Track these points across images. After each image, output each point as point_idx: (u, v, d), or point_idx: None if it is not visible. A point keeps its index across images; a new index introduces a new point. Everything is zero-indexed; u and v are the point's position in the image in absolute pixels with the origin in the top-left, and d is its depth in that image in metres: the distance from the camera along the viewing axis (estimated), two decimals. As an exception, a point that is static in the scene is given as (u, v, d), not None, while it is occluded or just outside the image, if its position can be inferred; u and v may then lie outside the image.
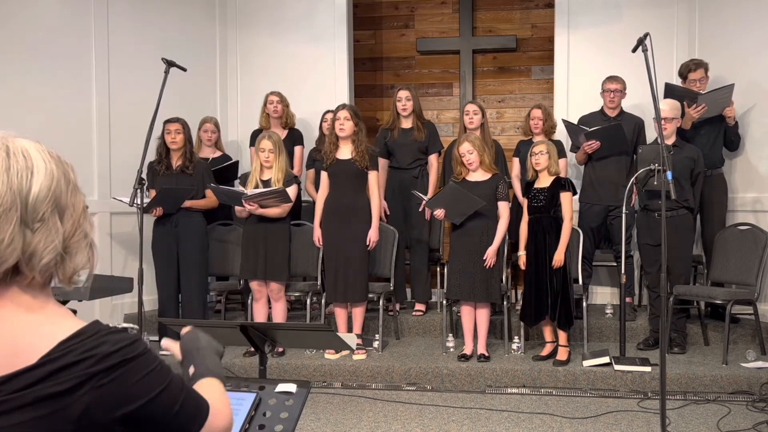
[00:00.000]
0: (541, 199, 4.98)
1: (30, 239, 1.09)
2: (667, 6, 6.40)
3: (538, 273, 4.95)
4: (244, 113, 6.96)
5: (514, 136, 6.83)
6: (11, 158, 1.10)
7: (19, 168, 1.09)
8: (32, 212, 1.09)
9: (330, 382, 4.97)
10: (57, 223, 1.12)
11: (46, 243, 1.10)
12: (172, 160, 5.44)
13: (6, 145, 1.11)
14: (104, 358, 1.06)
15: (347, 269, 5.17)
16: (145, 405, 1.10)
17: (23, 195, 1.09)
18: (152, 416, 1.12)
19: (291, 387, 1.82)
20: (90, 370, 1.05)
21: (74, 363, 1.05)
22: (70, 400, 1.04)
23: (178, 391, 1.15)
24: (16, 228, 1.08)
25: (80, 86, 5.80)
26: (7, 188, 1.08)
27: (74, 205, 1.16)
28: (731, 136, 5.59)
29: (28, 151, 1.12)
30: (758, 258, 5.12)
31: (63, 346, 1.06)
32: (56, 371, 1.04)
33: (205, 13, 6.90)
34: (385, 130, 6.04)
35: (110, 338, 1.08)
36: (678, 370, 4.72)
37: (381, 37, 7.31)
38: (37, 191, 1.10)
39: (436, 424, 4.20)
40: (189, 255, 5.39)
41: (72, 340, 1.07)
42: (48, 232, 1.11)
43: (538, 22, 7.06)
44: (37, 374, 1.04)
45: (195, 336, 1.46)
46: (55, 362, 1.04)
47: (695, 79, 5.56)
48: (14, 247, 1.08)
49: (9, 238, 1.07)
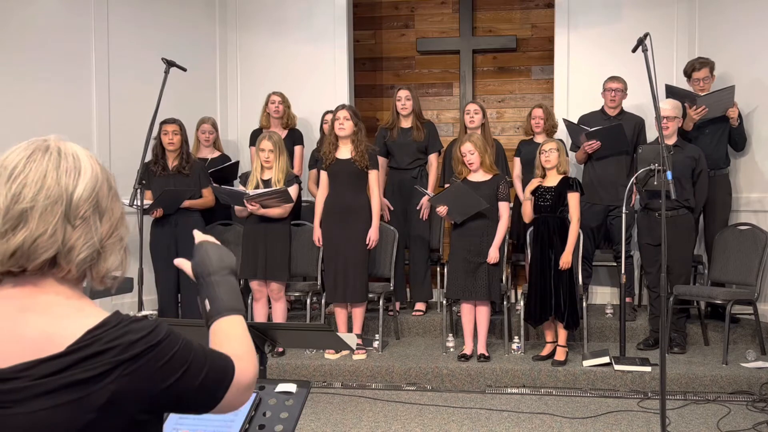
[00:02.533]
0: (548, 198, 4.97)
1: (70, 234, 1.15)
2: (667, 6, 6.39)
3: (543, 273, 4.94)
4: (244, 113, 6.95)
5: (514, 136, 6.83)
6: (62, 158, 1.17)
7: (68, 167, 1.17)
8: (75, 209, 1.16)
9: (330, 382, 4.97)
10: (96, 223, 1.19)
11: (85, 239, 1.17)
12: (169, 161, 5.44)
13: (58, 146, 1.19)
14: (130, 346, 1.11)
15: (347, 269, 5.16)
16: (172, 386, 1.15)
17: (69, 192, 1.15)
18: (179, 394, 1.16)
19: (291, 387, 1.82)
20: (117, 358, 1.10)
21: (101, 352, 1.09)
22: (96, 387, 1.08)
23: (200, 363, 1.19)
24: (59, 221, 1.14)
25: (80, 86, 5.79)
26: (56, 183, 1.15)
27: (113, 210, 1.22)
28: (735, 137, 5.58)
29: (78, 155, 1.20)
30: (758, 258, 5.12)
31: (90, 335, 1.10)
32: (84, 359, 1.08)
33: (205, 13, 6.89)
34: (385, 130, 6.04)
35: (133, 327, 1.13)
36: (678, 370, 4.72)
37: (381, 37, 7.31)
38: (81, 191, 1.17)
39: (436, 424, 4.20)
40: (188, 255, 5.37)
41: (98, 330, 1.11)
42: (87, 229, 1.17)
43: (538, 22, 7.06)
44: (65, 362, 1.08)
45: (205, 256, 1.43)
46: (82, 350, 1.09)
47: (699, 78, 5.55)
48: (55, 239, 1.14)
49: (52, 230, 1.13)
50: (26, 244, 1.12)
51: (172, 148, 5.38)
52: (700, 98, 5.39)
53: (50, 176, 1.15)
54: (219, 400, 1.22)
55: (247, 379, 1.27)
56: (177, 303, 5.49)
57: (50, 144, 1.18)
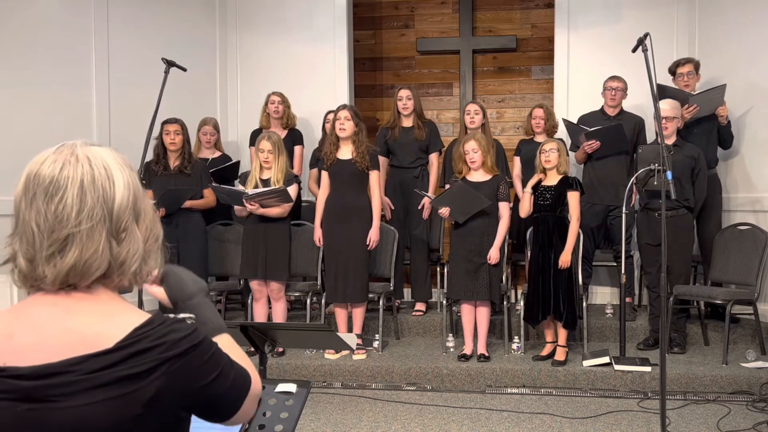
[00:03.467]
0: (548, 197, 4.97)
1: (118, 249, 1.17)
2: (667, 6, 6.39)
3: (543, 272, 4.94)
4: (244, 113, 6.95)
5: (514, 136, 6.83)
6: (94, 169, 1.16)
7: (102, 179, 1.16)
8: (117, 223, 1.17)
9: (330, 382, 4.97)
10: (137, 231, 1.21)
11: (133, 251, 1.19)
12: (170, 161, 5.44)
13: (86, 155, 1.18)
14: (175, 344, 1.14)
15: (347, 269, 5.16)
16: (207, 386, 1.18)
17: (109, 206, 1.16)
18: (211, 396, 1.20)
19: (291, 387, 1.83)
20: (163, 354, 1.13)
21: (149, 348, 1.12)
22: (144, 383, 1.11)
23: (229, 368, 1.22)
24: (105, 239, 1.16)
25: (80, 86, 5.79)
26: (96, 200, 1.15)
27: (146, 210, 1.24)
28: (724, 135, 5.59)
29: (106, 161, 1.19)
30: (758, 258, 5.12)
31: (137, 333, 1.13)
32: (132, 355, 1.11)
33: (204, 13, 6.89)
34: (386, 129, 6.04)
35: (177, 326, 1.17)
36: (678, 370, 4.72)
37: (381, 37, 7.31)
38: (119, 201, 1.17)
39: (436, 424, 4.20)
40: (189, 255, 5.39)
41: (144, 328, 1.14)
42: (133, 240, 1.19)
43: (538, 22, 7.06)
44: (113, 357, 1.11)
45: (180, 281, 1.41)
46: (130, 347, 1.12)
47: (683, 73, 5.56)
48: (105, 257, 1.16)
49: (101, 249, 1.15)
50: (78, 266, 1.14)
51: (174, 148, 5.38)
52: (692, 97, 5.40)
53: (88, 193, 1.14)
54: (239, 407, 1.25)
55: (258, 390, 1.30)
56: (177, 303, 5.48)
57: (78, 153, 1.17)
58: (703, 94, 5.44)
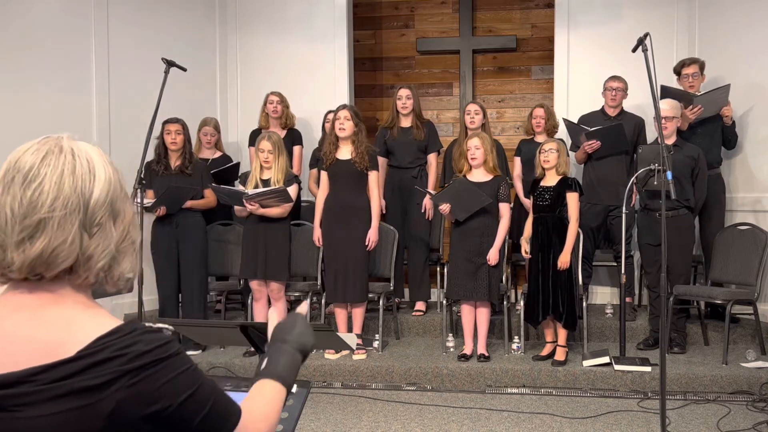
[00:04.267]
0: (547, 198, 4.97)
1: (88, 242, 1.14)
2: (667, 6, 6.39)
3: (542, 272, 4.94)
4: (244, 113, 6.95)
5: (514, 136, 6.83)
6: (77, 161, 1.14)
7: (83, 171, 1.14)
8: (91, 216, 1.14)
9: (330, 382, 4.97)
10: (111, 229, 1.17)
11: (103, 247, 1.15)
12: (171, 161, 5.43)
13: (71, 147, 1.16)
14: (138, 357, 1.09)
15: (347, 269, 5.16)
16: (173, 406, 1.11)
17: (86, 198, 1.13)
18: (180, 418, 1.13)
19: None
20: (123, 367, 1.07)
21: (109, 359, 1.07)
22: (103, 395, 1.06)
23: (208, 394, 1.16)
24: (77, 230, 1.12)
25: (80, 86, 5.79)
26: (72, 189, 1.12)
27: (125, 211, 1.20)
28: (728, 136, 5.59)
29: (91, 155, 1.17)
30: (758, 258, 5.12)
31: (99, 342, 1.09)
32: (91, 366, 1.07)
33: (204, 13, 6.89)
34: (385, 129, 6.05)
35: (145, 338, 1.11)
36: (678, 370, 4.72)
37: (381, 37, 7.31)
38: (97, 196, 1.15)
39: (436, 424, 4.20)
40: (189, 255, 5.39)
41: (108, 337, 1.10)
42: (104, 236, 1.16)
43: (538, 22, 7.06)
44: (73, 367, 1.06)
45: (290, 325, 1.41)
46: (90, 357, 1.07)
47: (688, 74, 5.56)
48: (74, 248, 1.12)
49: (71, 239, 1.12)
50: (45, 254, 1.11)
51: (175, 147, 5.37)
52: (696, 98, 5.40)
53: (66, 182, 1.12)
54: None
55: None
56: (177, 303, 5.49)
57: (63, 145, 1.15)
58: (708, 95, 5.43)
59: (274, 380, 1.32)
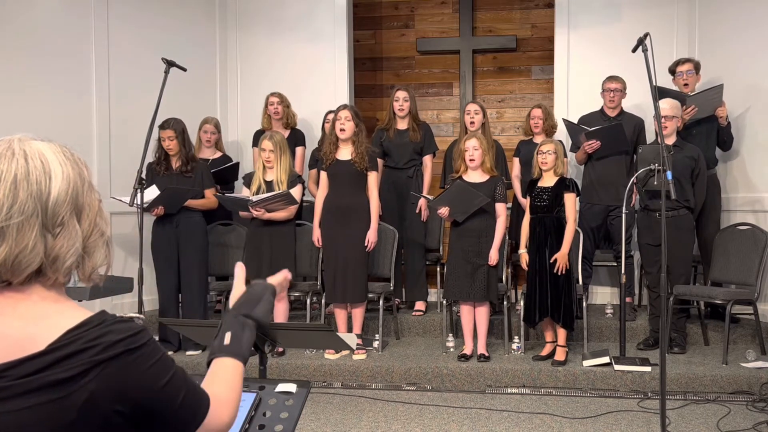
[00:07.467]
0: (545, 198, 4.98)
1: (52, 244, 1.12)
2: (667, 6, 6.39)
3: (540, 273, 4.94)
4: (245, 113, 6.95)
5: (514, 136, 6.83)
6: (29, 163, 1.12)
7: (38, 174, 1.12)
8: (52, 217, 1.12)
9: (330, 382, 4.97)
10: (76, 226, 1.15)
11: (68, 246, 1.13)
12: (172, 161, 5.43)
13: (23, 149, 1.13)
14: (109, 347, 1.08)
15: (347, 270, 5.16)
16: (147, 396, 1.11)
17: (43, 201, 1.11)
18: (154, 408, 1.13)
19: (291, 387, 1.82)
20: (95, 358, 1.07)
21: (80, 351, 1.07)
22: (75, 387, 1.06)
23: (180, 384, 1.16)
24: (38, 233, 1.11)
25: (80, 86, 5.79)
26: (28, 194, 1.10)
27: (90, 205, 1.18)
28: (724, 136, 5.59)
29: (45, 155, 1.14)
30: (758, 258, 5.12)
31: (69, 335, 1.08)
32: (62, 359, 1.06)
33: (205, 13, 6.89)
34: (381, 130, 6.06)
35: (116, 327, 1.10)
36: (678, 370, 4.72)
37: (381, 37, 7.31)
38: (56, 196, 1.12)
39: (436, 424, 4.20)
40: (189, 255, 5.39)
41: (78, 329, 1.09)
42: (69, 235, 1.14)
43: (538, 22, 7.06)
44: (44, 361, 1.06)
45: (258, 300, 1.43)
46: (61, 350, 1.07)
47: (683, 71, 5.56)
48: (37, 252, 1.11)
49: (32, 244, 1.10)
50: (8, 262, 1.09)
51: (171, 152, 5.38)
52: (689, 98, 5.40)
53: (21, 187, 1.10)
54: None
55: (219, 425, 1.23)
56: (177, 303, 5.48)
57: (15, 148, 1.13)
58: (701, 95, 5.44)
59: (237, 360, 1.33)
